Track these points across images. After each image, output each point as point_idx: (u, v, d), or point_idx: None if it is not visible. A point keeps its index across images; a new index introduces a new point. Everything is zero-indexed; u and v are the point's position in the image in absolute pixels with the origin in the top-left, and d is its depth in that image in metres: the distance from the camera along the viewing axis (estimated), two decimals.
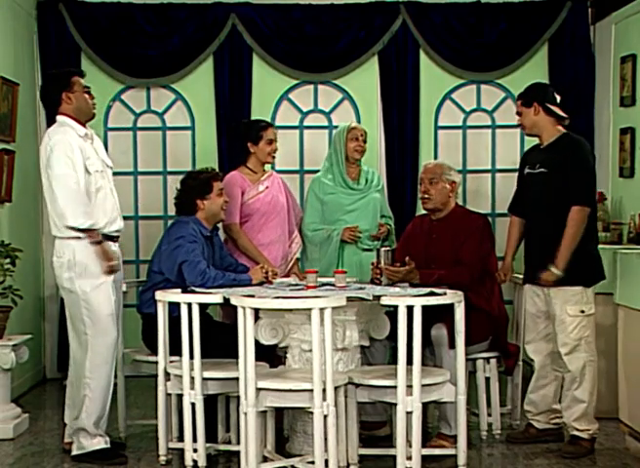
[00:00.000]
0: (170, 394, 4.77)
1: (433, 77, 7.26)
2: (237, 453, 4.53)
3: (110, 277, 4.82)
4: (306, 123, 7.38)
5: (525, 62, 7.23)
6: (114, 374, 4.92)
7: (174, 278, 5.01)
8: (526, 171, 5.14)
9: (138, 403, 6.18)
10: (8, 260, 5.34)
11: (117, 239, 4.95)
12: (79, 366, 4.81)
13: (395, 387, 4.28)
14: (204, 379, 4.53)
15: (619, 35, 6.80)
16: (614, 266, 5.13)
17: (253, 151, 5.78)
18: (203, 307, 4.68)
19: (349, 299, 4.39)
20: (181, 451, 4.67)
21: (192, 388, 4.52)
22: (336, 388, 4.23)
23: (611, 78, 6.86)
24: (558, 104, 5.05)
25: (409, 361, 4.23)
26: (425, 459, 4.47)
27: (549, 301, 4.98)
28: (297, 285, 5.11)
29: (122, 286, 5.09)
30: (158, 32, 7.10)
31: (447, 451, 4.68)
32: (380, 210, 6.04)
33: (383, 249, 5.14)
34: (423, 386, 4.31)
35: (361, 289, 4.80)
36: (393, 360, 4.53)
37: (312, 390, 4.11)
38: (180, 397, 4.63)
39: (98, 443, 4.82)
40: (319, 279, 5.02)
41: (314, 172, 6.32)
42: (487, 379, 5.19)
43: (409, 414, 4.28)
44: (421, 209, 5.42)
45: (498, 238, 5.53)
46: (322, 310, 4.08)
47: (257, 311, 4.38)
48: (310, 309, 4.09)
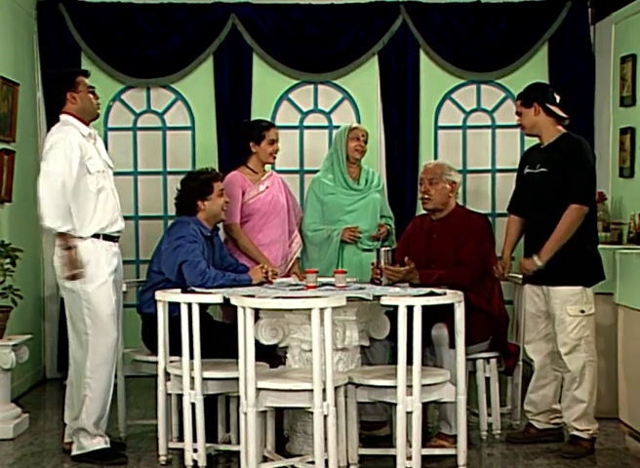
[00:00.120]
0: (170, 394, 4.77)
1: (433, 77, 7.26)
2: (237, 453, 4.53)
3: (111, 277, 4.82)
4: (306, 123, 7.38)
5: (525, 62, 7.23)
6: (114, 374, 4.92)
7: (174, 278, 5.00)
8: (526, 170, 5.13)
9: (138, 403, 6.18)
10: (8, 260, 5.34)
11: (117, 239, 4.94)
12: (79, 366, 4.80)
13: (395, 387, 4.28)
14: (204, 379, 4.52)
15: (619, 35, 6.80)
16: (614, 266, 5.12)
17: (255, 151, 5.77)
18: (203, 307, 4.68)
19: (349, 299, 4.38)
20: (181, 451, 4.67)
21: (192, 388, 4.52)
22: (336, 388, 4.23)
23: (611, 78, 6.86)
24: (558, 104, 5.05)
25: (409, 361, 4.23)
26: (425, 459, 4.47)
27: (549, 301, 4.98)
28: (297, 285, 5.11)
29: (122, 286, 5.09)
30: (158, 32, 7.10)
31: (447, 451, 4.67)
32: (381, 210, 6.04)
33: (383, 249, 5.14)
34: (423, 386, 4.31)
35: (361, 289, 4.79)
36: (393, 360, 4.53)
37: (312, 390, 4.10)
38: (180, 397, 4.63)
39: (98, 443, 4.81)
40: (319, 279, 5.02)
41: (314, 172, 6.32)
42: (487, 379, 5.19)
43: (409, 414, 4.28)
44: (421, 209, 5.42)
45: (498, 238, 5.53)
46: (322, 310, 4.08)
47: (257, 311, 4.38)
48: (310, 309, 4.09)
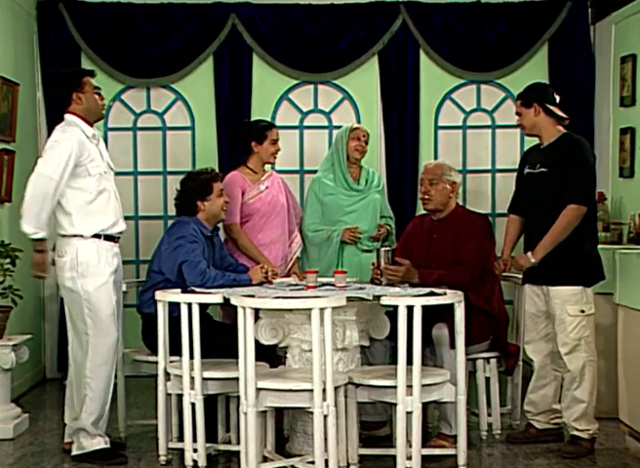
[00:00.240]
0: (170, 394, 4.77)
1: (433, 77, 7.26)
2: (237, 453, 4.53)
3: (112, 277, 4.81)
4: (306, 123, 7.38)
5: (525, 62, 7.23)
6: (114, 374, 4.91)
7: (174, 278, 5.00)
8: (526, 170, 5.13)
9: (138, 403, 6.18)
10: (8, 260, 5.34)
11: (118, 240, 4.93)
12: (79, 365, 4.80)
13: (395, 387, 4.28)
14: (204, 379, 4.52)
15: (619, 35, 6.80)
16: (613, 266, 5.12)
17: (256, 151, 5.77)
18: (203, 307, 4.68)
19: (349, 299, 4.38)
20: (181, 451, 4.67)
21: (192, 388, 4.52)
22: (336, 388, 4.22)
23: (611, 78, 6.86)
24: (558, 104, 5.05)
25: (409, 361, 4.23)
26: (425, 459, 4.47)
27: (549, 301, 4.98)
28: (297, 285, 5.11)
29: (122, 286, 5.08)
30: (158, 32, 7.10)
31: (447, 451, 4.67)
32: (381, 210, 6.04)
33: (383, 249, 5.14)
34: (423, 386, 4.31)
35: (361, 289, 4.79)
36: (393, 360, 4.53)
37: (312, 390, 4.10)
38: (180, 397, 4.63)
39: (98, 443, 4.81)
40: (319, 279, 5.02)
41: (314, 172, 6.32)
42: (487, 379, 5.19)
43: (409, 414, 4.28)
44: (422, 209, 5.41)
45: (498, 238, 5.52)
46: (322, 310, 4.08)
47: (257, 311, 4.38)
48: (310, 309, 4.09)
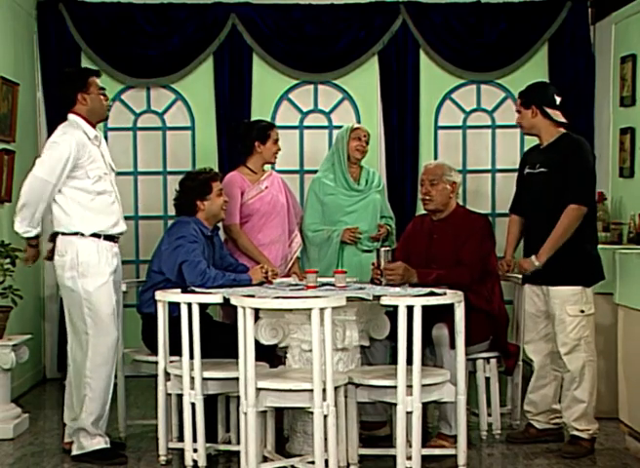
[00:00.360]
0: (170, 394, 4.77)
1: (433, 77, 7.26)
2: (237, 453, 4.53)
3: (111, 277, 4.81)
4: (306, 123, 7.38)
5: (525, 62, 7.23)
6: (114, 374, 4.91)
7: (174, 278, 5.00)
8: (526, 171, 5.13)
9: (138, 403, 6.18)
10: (8, 260, 5.33)
11: (118, 240, 4.93)
12: (79, 365, 4.79)
13: (395, 387, 4.28)
14: (204, 379, 4.52)
15: (619, 35, 6.80)
16: (613, 266, 5.11)
17: (259, 151, 5.76)
18: (203, 307, 4.68)
19: (349, 299, 4.38)
20: (181, 451, 4.67)
21: (192, 388, 4.52)
22: (336, 388, 4.22)
23: (611, 78, 6.86)
24: (558, 106, 5.04)
25: (409, 361, 4.23)
26: (425, 459, 4.47)
27: (549, 301, 4.98)
28: (297, 285, 5.11)
29: (122, 286, 5.08)
30: (158, 32, 7.10)
31: (447, 451, 4.67)
32: (381, 210, 6.05)
33: (383, 248, 5.13)
34: (423, 386, 4.31)
35: (361, 289, 4.79)
36: (393, 360, 4.53)
37: (312, 390, 4.10)
38: (180, 397, 4.62)
39: (97, 443, 4.81)
40: (319, 279, 5.02)
41: (314, 172, 6.32)
42: (487, 379, 5.19)
43: (409, 414, 4.28)
44: (422, 209, 5.41)
45: (498, 238, 5.52)
46: (322, 310, 4.08)
47: (257, 311, 4.37)
48: (310, 309, 4.09)
